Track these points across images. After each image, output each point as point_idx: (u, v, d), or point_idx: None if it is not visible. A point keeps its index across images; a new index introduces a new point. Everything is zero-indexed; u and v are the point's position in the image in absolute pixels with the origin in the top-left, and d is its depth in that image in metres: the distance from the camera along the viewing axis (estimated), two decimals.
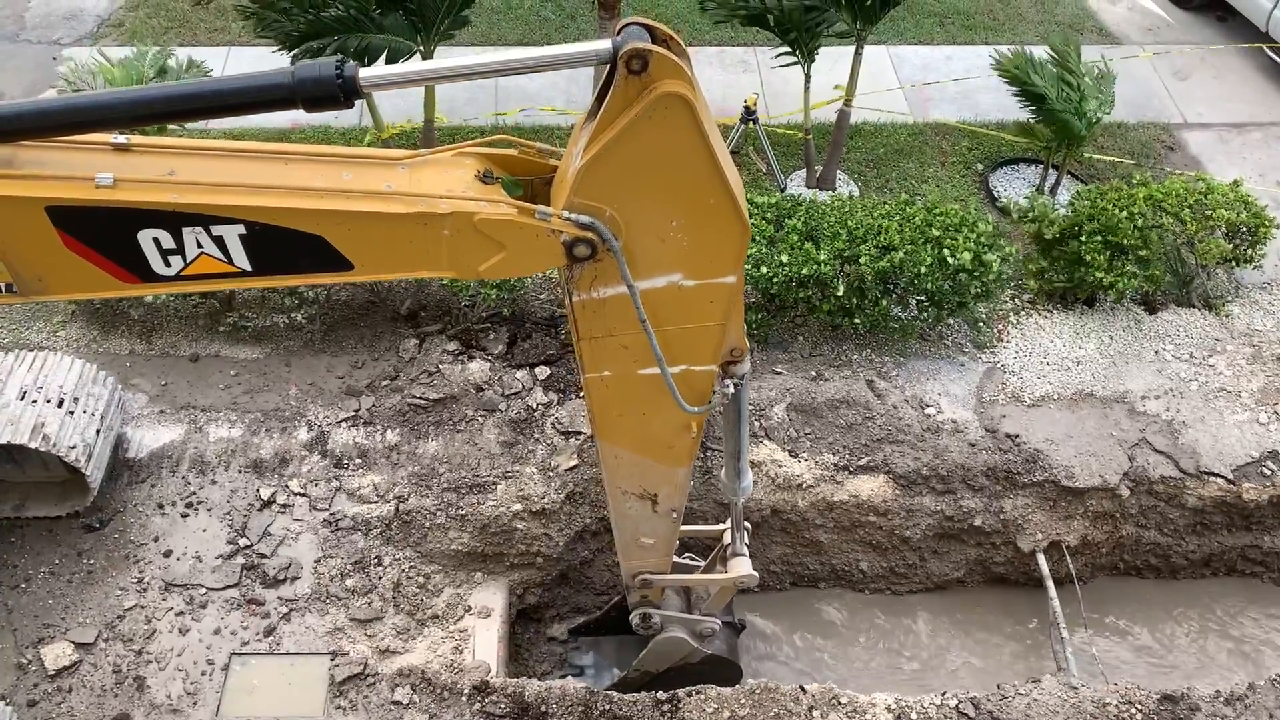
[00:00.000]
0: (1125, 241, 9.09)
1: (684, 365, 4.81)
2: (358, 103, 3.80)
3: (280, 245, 3.98)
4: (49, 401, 7.47)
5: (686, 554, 7.60)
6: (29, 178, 3.79)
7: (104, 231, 3.88)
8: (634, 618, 7.35)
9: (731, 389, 5.15)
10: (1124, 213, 9.18)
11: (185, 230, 3.89)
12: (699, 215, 4.18)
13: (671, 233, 4.22)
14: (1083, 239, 9.22)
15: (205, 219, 3.87)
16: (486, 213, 4.01)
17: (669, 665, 7.67)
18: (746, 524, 6.90)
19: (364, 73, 3.61)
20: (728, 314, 4.66)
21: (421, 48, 9.28)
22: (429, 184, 4.09)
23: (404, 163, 4.18)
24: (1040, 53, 10.52)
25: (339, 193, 3.97)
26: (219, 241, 3.94)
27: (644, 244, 4.23)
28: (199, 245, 3.94)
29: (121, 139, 3.94)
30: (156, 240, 3.91)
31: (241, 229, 3.91)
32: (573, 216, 4.04)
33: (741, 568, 6.85)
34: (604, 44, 3.69)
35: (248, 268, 4.04)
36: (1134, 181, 9.82)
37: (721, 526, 7.13)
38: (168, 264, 3.99)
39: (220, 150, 4.08)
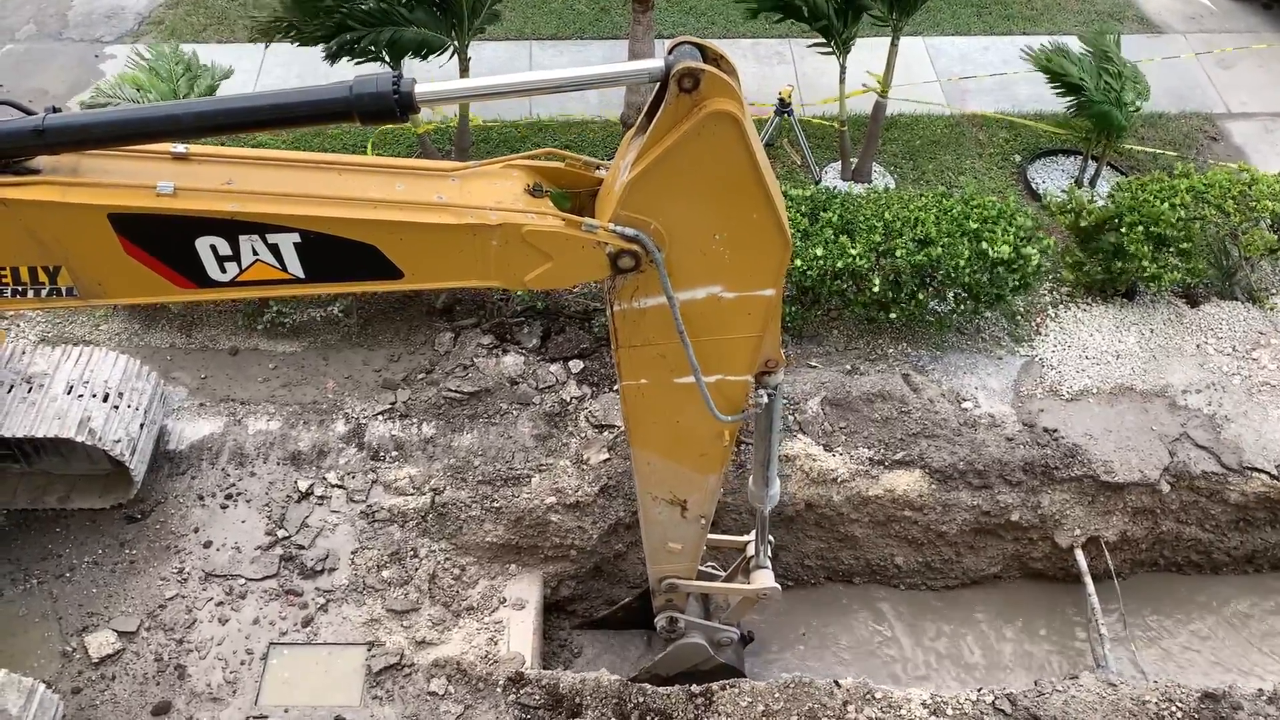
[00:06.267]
0: (1167, 233, 8.95)
1: (719, 375, 4.91)
2: None
3: (333, 254, 4.09)
4: (94, 396, 7.60)
5: (709, 562, 7.64)
6: (93, 185, 3.89)
7: (164, 238, 3.99)
8: (660, 620, 7.44)
9: (765, 399, 5.22)
10: (1166, 204, 9.05)
11: (242, 238, 4.01)
12: (742, 229, 4.27)
13: (714, 246, 4.31)
14: (1123, 230, 9.10)
15: (262, 227, 3.98)
16: (535, 225, 4.11)
17: (681, 669, 7.71)
18: (770, 538, 6.94)
19: (420, 88, 3.69)
20: (765, 326, 4.74)
21: (456, 42, 9.32)
22: (479, 196, 4.18)
23: (454, 174, 4.27)
24: (1075, 43, 10.38)
25: (393, 204, 4.06)
26: (274, 249, 4.05)
27: (686, 256, 4.32)
28: (255, 253, 4.05)
29: (181, 148, 4.04)
30: (214, 247, 4.03)
31: (297, 237, 4.02)
32: (619, 229, 4.12)
33: (764, 580, 6.91)
34: (656, 63, 3.77)
35: (300, 275, 4.15)
36: (1176, 172, 9.67)
37: (746, 538, 7.15)
38: (223, 270, 4.11)
39: (276, 160, 4.19)
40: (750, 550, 7.03)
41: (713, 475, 5.72)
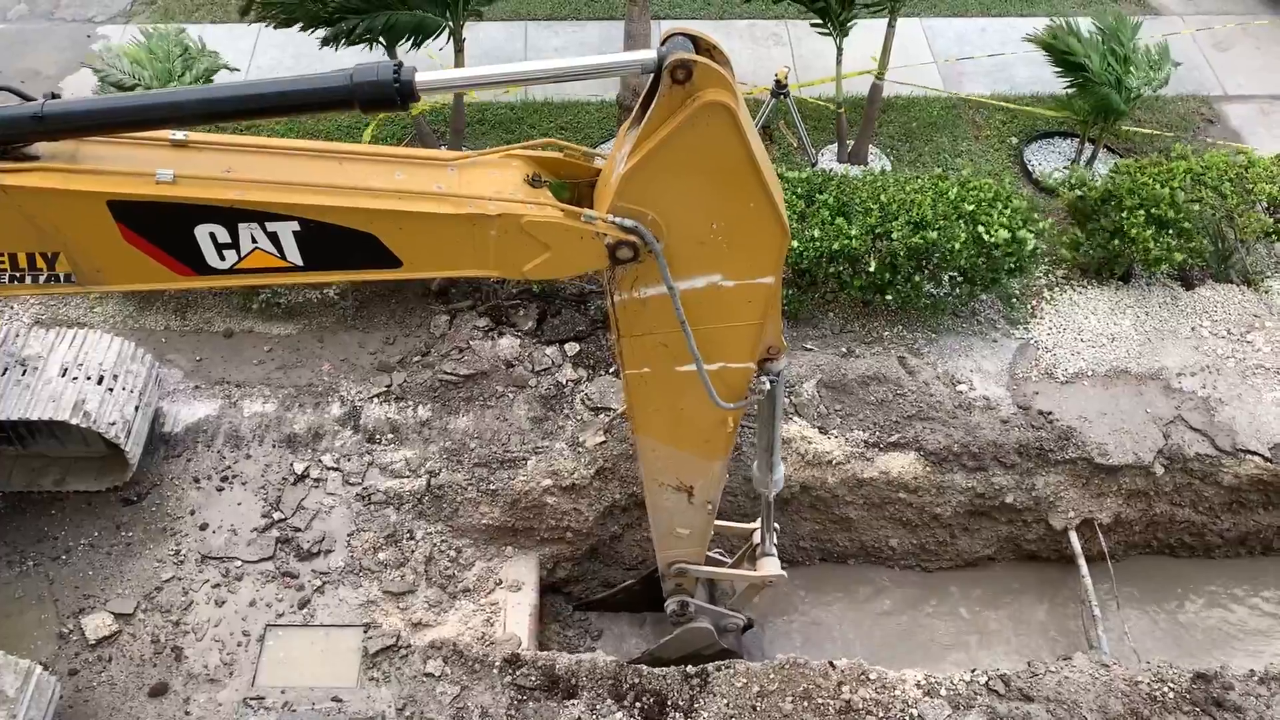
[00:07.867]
0: (1167, 215, 8.94)
1: (721, 363, 4.93)
2: None
3: (332, 242, 4.09)
4: (89, 378, 7.59)
5: (715, 549, 7.67)
6: (92, 172, 3.89)
7: (163, 226, 3.99)
8: (670, 604, 7.47)
9: (767, 385, 5.24)
10: (1164, 187, 9.04)
11: (241, 226, 4.01)
12: (739, 218, 4.29)
13: (712, 235, 4.33)
14: (1124, 214, 9.08)
15: (261, 215, 3.98)
16: (534, 215, 4.13)
17: (684, 654, 7.75)
18: (775, 525, 6.97)
19: (419, 78, 3.70)
20: (765, 313, 4.76)
21: (451, 24, 9.26)
22: (478, 186, 4.19)
23: (453, 164, 4.28)
24: (1079, 23, 10.33)
25: (392, 193, 4.07)
26: (273, 237, 4.05)
27: (685, 246, 4.33)
28: (253, 241, 4.06)
29: (180, 135, 4.03)
30: (213, 235, 4.03)
31: (296, 226, 4.02)
32: (617, 220, 4.15)
33: (771, 567, 6.94)
34: (649, 54, 3.80)
35: (299, 263, 4.15)
36: (1173, 155, 9.66)
37: (752, 525, 7.18)
38: (222, 258, 4.11)
39: (275, 148, 4.18)
40: (756, 538, 7.06)
41: (717, 461, 5.75)
